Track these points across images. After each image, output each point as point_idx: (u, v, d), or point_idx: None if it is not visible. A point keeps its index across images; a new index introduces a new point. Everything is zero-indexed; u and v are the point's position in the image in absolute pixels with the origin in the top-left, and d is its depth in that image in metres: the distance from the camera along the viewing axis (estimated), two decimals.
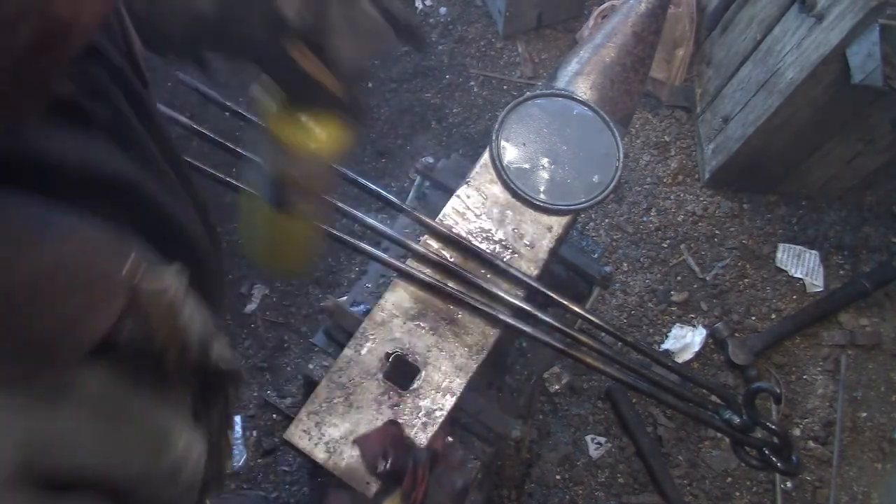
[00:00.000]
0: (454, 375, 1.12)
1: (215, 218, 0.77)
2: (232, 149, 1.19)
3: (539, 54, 2.83)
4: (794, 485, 2.09)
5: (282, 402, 2.07)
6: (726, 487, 2.09)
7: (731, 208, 2.51)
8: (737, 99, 2.37)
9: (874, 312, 2.33)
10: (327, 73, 0.67)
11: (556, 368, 2.18)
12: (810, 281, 2.38)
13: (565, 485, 2.05)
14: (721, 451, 2.12)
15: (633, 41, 1.32)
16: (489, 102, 2.71)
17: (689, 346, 2.25)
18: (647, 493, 2.05)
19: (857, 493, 2.08)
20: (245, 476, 1.98)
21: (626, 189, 2.57)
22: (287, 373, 2.15)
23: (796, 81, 2.03)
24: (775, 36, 2.20)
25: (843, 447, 2.13)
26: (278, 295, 2.27)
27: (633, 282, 2.39)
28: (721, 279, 2.39)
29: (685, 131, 2.66)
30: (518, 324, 1.15)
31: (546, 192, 1.24)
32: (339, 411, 1.07)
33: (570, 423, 2.14)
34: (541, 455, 2.07)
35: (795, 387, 2.24)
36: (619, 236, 2.48)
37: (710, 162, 2.49)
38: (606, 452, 2.10)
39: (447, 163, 1.47)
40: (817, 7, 1.98)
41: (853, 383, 2.23)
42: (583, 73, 1.31)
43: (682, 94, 2.68)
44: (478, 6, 2.91)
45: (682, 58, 2.63)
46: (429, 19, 2.88)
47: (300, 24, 0.61)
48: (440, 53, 2.80)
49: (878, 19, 1.75)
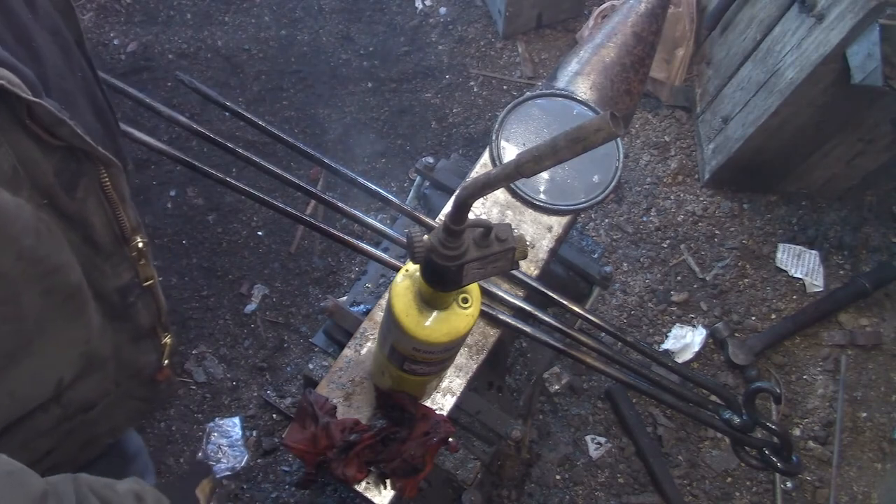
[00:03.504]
0: (454, 375, 1.12)
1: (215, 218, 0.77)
2: (232, 149, 1.19)
3: (539, 54, 2.83)
4: (794, 485, 2.09)
5: (282, 402, 2.07)
6: (726, 487, 2.09)
7: (731, 208, 2.51)
8: (737, 99, 2.37)
9: (874, 312, 2.33)
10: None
11: (556, 368, 2.18)
12: (810, 281, 2.38)
13: (565, 485, 2.05)
14: (721, 451, 2.12)
15: (633, 41, 1.32)
16: (489, 102, 2.71)
17: (689, 346, 2.25)
18: (647, 493, 2.05)
19: (857, 493, 2.08)
20: (245, 476, 1.98)
21: (626, 189, 2.57)
22: (287, 373, 2.15)
23: (796, 81, 2.03)
24: (775, 36, 2.21)
25: (843, 447, 2.13)
26: (278, 295, 2.27)
27: (633, 282, 2.39)
28: (721, 279, 2.39)
29: (685, 131, 2.66)
30: (518, 324, 1.15)
31: (546, 192, 1.24)
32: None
33: (570, 423, 2.14)
34: (541, 455, 2.07)
35: (795, 387, 2.24)
36: (619, 236, 2.48)
37: (710, 162, 2.49)
38: (606, 452, 2.10)
39: (447, 163, 1.47)
40: (817, 7, 1.98)
41: (853, 383, 2.23)
42: (583, 73, 1.31)
43: (682, 94, 2.68)
44: (478, 6, 2.91)
45: (682, 58, 2.63)
46: (429, 19, 2.88)
47: None
48: (440, 53, 2.80)
49: (878, 19, 1.75)
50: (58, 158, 0.60)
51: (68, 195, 0.62)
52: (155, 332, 0.81)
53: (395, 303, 0.85)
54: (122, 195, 0.69)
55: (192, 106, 2.54)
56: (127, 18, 2.76)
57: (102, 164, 0.65)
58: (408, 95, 2.69)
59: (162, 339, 0.82)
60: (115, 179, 0.67)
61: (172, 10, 2.81)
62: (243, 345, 2.18)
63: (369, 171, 2.53)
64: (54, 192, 0.61)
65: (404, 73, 2.74)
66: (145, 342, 0.79)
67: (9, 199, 0.54)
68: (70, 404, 0.71)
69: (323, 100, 2.65)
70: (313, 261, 2.34)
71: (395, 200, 1.23)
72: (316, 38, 2.79)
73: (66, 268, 0.63)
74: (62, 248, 0.62)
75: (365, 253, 1.19)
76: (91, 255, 0.67)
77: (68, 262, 0.63)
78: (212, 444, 2.01)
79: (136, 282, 0.75)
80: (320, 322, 2.22)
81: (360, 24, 2.85)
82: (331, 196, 1.21)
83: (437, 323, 0.84)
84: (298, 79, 2.68)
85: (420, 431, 1.03)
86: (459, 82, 2.74)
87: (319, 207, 2.38)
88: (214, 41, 2.73)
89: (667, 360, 1.25)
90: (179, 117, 1.19)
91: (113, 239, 0.70)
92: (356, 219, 1.20)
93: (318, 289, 2.30)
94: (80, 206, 0.64)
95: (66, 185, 0.62)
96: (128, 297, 0.74)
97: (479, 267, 0.75)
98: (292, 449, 1.01)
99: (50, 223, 0.60)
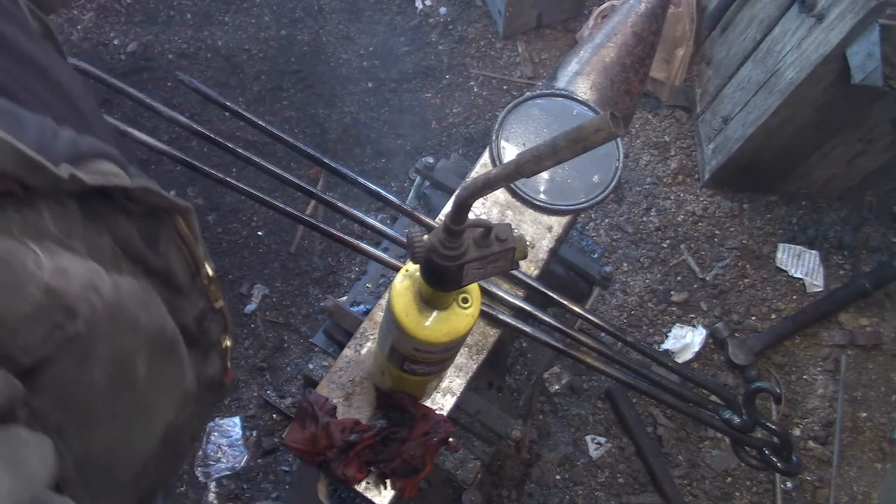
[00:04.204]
0: (454, 375, 1.12)
1: (215, 218, 0.77)
2: (232, 149, 1.19)
3: (539, 54, 2.83)
4: (794, 485, 2.09)
5: (282, 403, 2.07)
6: (726, 487, 2.09)
7: (731, 208, 2.51)
8: (737, 99, 2.37)
9: (874, 312, 2.33)
10: None
11: (556, 368, 2.18)
12: (810, 281, 2.38)
13: (565, 485, 2.05)
14: (721, 451, 2.12)
15: (633, 41, 1.32)
16: (489, 102, 2.71)
17: (689, 346, 2.25)
18: (647, 493, 2.05)
19: (857, 493, 2.08)
20: (245, 476, 1.98)
21: (626, 189, 2.57)
22: (287, 373, 2.15)
23: (796, 81, 2.03)
24: (775, 36, 2.20)
25: (843, 447, 2.13)
26: (278, 295, 2.27)
27: (633, 282, 2.39)
28: (721, 279, 2.39)
29: (685, 131, 2.66)
30: (518, 324, 1.15)
31: (546, 192, 1.24)
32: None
33: (570, 423, 2.14)
34: (541, 455, 2.07)
35: (795, 387, 2.24)
36: (619, 236, 2.48)
37: (710, 162, 2.49)
38: (606, 452, 2.10)
39: (447, 163, 1.47)
40: (817, 7, 1.98)
41: (853, 383, 2.23)
42: (583, 73, 1.31)
43: (682, 94, 2.68)
44: (478, 6, 2.91)
45: (682, 58, 2.63)
46: (429, 19, 2.88)
47: None
48: (440, 53, 2.80)
49: (878, 19, 1.75)
50: (140, 222, 0.59)
51: (154, 253, 0.61)
52: (220, 342, 0.81)
53: (395, 303, 0.85)
54: (195, 234, 0.68)
55: (192, 106, 2.55)
56: (127, 18, 2.76)
57: (178, 211, 0.64)
58: (408, 95, 2.69)
59: (223, 344, 0.82)
60: (189, 222, 0.66)
61: (172, 10, 2.81)
62: (243, 345, 2.18)
63: (369, 171, 2.53)
64: (143, 255, 0.60)
65: (404, 73, 2.74)
66: (213, 354, 0.79)
67: (121, 282, 0.53)
68: (170, 437, 0.71)
69: (323, 100, 2.65)
70: (313, 261, 2.34)
71: (395, 200, 1.23)
72: (316, 38, 2.79)
73: (165, 324, 0.62)
74: (161, 308, 0.62)
75: (365, 253, 1.19)
76: (173, 299, 0.66)
77: (166, 317, 0.62)
78: (212, 444, 2.01)
79: (210, 306, 0.75)
80: (320, 322, 2.22)
81: (360, 24, 2.85)
82: (331, 196, 1.21)
83: (437, 323, 0.84)
84: (298, 79, 2.68)
85: (420, 431, 1.03)
86: (459, 82, 2.74)
87: (319, 207, 2.38)
88: (214, 41, 2.73)
89: (667, 360, 1.25)
90: (179, 117, 1.19)
91: (189, 277, 0.69)
92: (356, 219, 1.20)
93: (318, 289, 2.30)
94: (164, 260, 0.63)
95: (150, 245, 0.61)
96: (203, 323, 0.74)
97: (479, 267, 0.75)
98: (292, 449, 1.01)
99: (147, 287, 0.59)
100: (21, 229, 0.45)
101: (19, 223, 0.45)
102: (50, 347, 0.45)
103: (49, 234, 0.48)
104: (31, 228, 0.46)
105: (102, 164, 0.53)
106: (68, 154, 0.49)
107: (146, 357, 0.58)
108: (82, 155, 0.51)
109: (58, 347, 0.46)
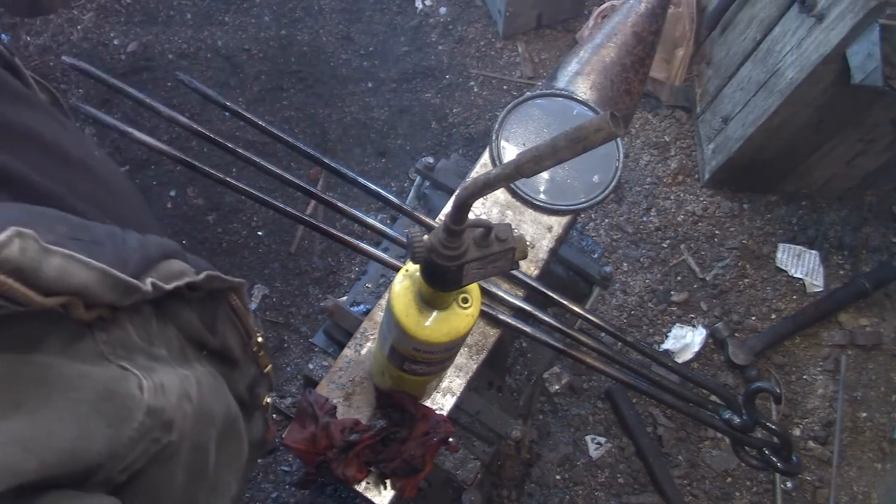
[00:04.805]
0: (454, 375, 1.12)
1: (215, 218, 0.77)
2: (232, 149, 1.19)
3: (539, 54, 2.83)
4: (794, 485, 2.09)
5: (282, 403, 2.07)
6: (726, 487, 2.09)
7: (731, 208, 2.51)
8: (737, 99, 2.37)
9: (874, 312, 2.32)
10: None
11: (556, 368, 2.18)
12: (810, 281, 2.38)
13: (565, 485, 2.05)
14: (721, 451, 2.12)
15: (633, 41, 1.32)
16: (489, 102, 2.71)
17: (689, 346, 2.25)
18: (647, 493, 2.05)
19: (857, 493, 2.08)
20: None
21: (626, 189, 2.57)
22: (287, 373, 2.15)
23: (796, 81, 2.03)
24: (775, 36, 2.20)
25: (843, 447, 2.13)
26: (278, 295, 2.27)
27: (633, 282, 2.39)
28: (721, 279, 2.39)
29: (685, 131, 2.66)
30: (518, 324, 1.15)
31: (546, 192, 1.24)
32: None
33: (570, 423, 2.14)
34: (541, 455, 2.07)
35: (795, 387, 2.24)
36: (619, 236, 2.48)
37: (710, 162, 2.49)
38: (606, 452, 2.10)
39: (447, 163, 1.47)
40: (817, 7, 1.98)
41: (853, 383, 2.23)
42: (583, 73, 1.31)
43: (682, 94, 2.68)
44: (478, 6, 2.91)
45: (682, 58, 2.63)
46: (429, 19, 2.88)
47: None
48: (440, 53, 2.80)
49: (878, 19, 1.75)
50: (200, 307, 0.59)
51: (213, 335, 0.61)
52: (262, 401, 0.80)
53: (395, 303, 0.85)
54: (247, 307, 0.67)
55: (192, 106, 2.54)
56: (127, 18, 2.76)
57: (233, 289, 0.64)
58: (408, 95, 2.69)
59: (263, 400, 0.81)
60: (241, 298, 0.66)
61: (172, 10, 2.81)
62: None
63: (369, 171, 2.53)
64: (204, 339, 0.59)
65: (404, 73, 2.74)
66: (257, 414, 0.79)
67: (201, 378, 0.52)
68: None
69: (323, 100, 2.65)
70: (313, 261, 2.34)
71: (395, 200, 1.23)
72: (316, 38, 2.79)
73: (230, 406, 0.61)
74: (226, 391, 0.61)
75: (365, 253, 1.19)
76: (229, 374, 0.66)
77: (230, 399, 0.62)
78: None
79: (259, 373, 0.74)
80: (320, 322, 2.22)
81: (360, 24, 2.85)
82: (331, 196, 1.21)
83: (437, 323, 0.84)
84: (298, 79, 2.68)
85: (420, 431, 1.03)
86: (459, 82, 2.74)
87: (319, 207, 2.38)
88: (214, 41, 2.73)
89: (667, 360, 1.25)
90: (179, 117, 1.19)
91: (242, 348, 0.69)
92: (356, 219, 1.20)
93: (318, 289, 2.30)
94: (222, 339, 0.62)
95: (209, 328, 0.60)
96: (255, 389, 0.74)
97: (479, 267, 0.75)
98: (292, 449, 1.01)
99: (214, 372, 0.59)
100: (112, 351, 0.44)
101: (111, 345, 0.44)
102: (145, 460, 0.45)
103: (137, 347, 0.47)
104: (120, 348, 0.45)
105: (172, 263, 0.52)
106: (141, 261, 0.48)
107: (216, 442, 0.57)
108: (153, 259, 0.50)
109: (152, 460, 0.45)
